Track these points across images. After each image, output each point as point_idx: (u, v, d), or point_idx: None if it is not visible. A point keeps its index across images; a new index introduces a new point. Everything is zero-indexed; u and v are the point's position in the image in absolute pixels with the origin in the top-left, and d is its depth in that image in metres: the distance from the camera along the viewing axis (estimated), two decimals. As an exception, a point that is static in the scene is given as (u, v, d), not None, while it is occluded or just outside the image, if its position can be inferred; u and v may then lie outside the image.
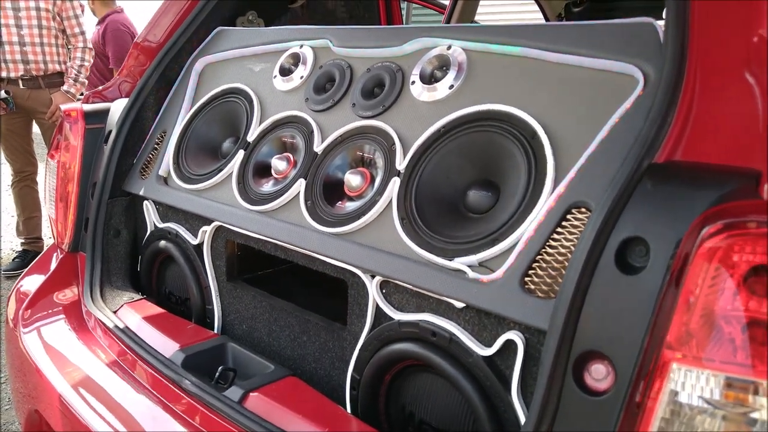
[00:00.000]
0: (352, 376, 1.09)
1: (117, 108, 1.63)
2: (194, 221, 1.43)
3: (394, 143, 1.11)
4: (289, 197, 1.21)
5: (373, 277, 1.05)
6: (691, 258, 0.61)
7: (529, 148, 0.95)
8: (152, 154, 1.58)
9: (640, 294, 0.66)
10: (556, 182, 0.90)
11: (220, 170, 1.37)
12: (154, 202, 1.54)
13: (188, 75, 1.61)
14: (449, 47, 1.14)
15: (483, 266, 0.91)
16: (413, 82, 1.16)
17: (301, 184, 1.20)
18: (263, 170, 1.32)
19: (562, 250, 0.84)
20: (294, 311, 1.23)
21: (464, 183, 1.04)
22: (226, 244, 1.36)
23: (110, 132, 1.59)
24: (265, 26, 1.87)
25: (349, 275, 1.09)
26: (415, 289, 0.98)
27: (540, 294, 0.84)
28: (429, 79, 1.15)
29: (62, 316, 1.48)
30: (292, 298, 1.28)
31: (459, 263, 0.93)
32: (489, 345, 0.89)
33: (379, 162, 1.13)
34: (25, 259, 3.89)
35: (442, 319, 0.95)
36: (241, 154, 1.35)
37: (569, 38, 0.98)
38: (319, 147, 1.23)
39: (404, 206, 1.03)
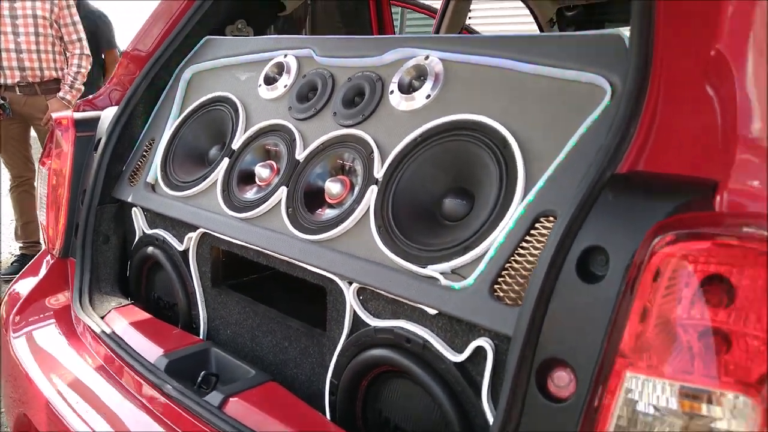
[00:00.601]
0: (330, 381, 1.11)
1: (107, 116, 1.66)
2: (180, 228, 1.45)
3: (372, 152, 1.13)
4: (270, 204, 1.23)
5: (350, 284, 1.07)
6: (644, 267, 0.63)
7: (501, 157, 0.96)
8: (141, 162, 1.60)
9: (599, 302, 0.68)
10: (526, 191, 0.91)
11: (206, 177, 1.38)
12: (142, 208, 1.56)
13: (176, 83, 1.63)
14: (427, 57, 1.16)
15: (455, 273, 0.93)
16: (392, 92, 1.18)
17: (282, 192, 1.22)
18: (247, 178, 1.33)
19: (531, 258, 0.86)
20: (276, 317, 1.25)
21: (440, 191, 1.06)
22: (211, 250, 1.38)
23: (100, 139, 1.62)
24: (255, 35, 1.89)
25: (327, 282, 1.11)
26: (390, 296, 1.00)
27: (508, 301, 0.85)
28: (407, 89, 1.17)
29: (52, 321, 1.50)
30: (275, 304, 1.30)
31: (432, 270, 0.94)
32: (460, 351, 0.91)
33: (359, 170, 1.15)
34: (23, 263, 3.91)
35: (416, 325, 0.97)
36: (225, 161, 1.37)
37: (542, 49, 1.00)
38: (300, 155, 1.25)
39: (381, 214, 1.05)
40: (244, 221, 1.26)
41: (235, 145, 1.38)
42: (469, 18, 3.20)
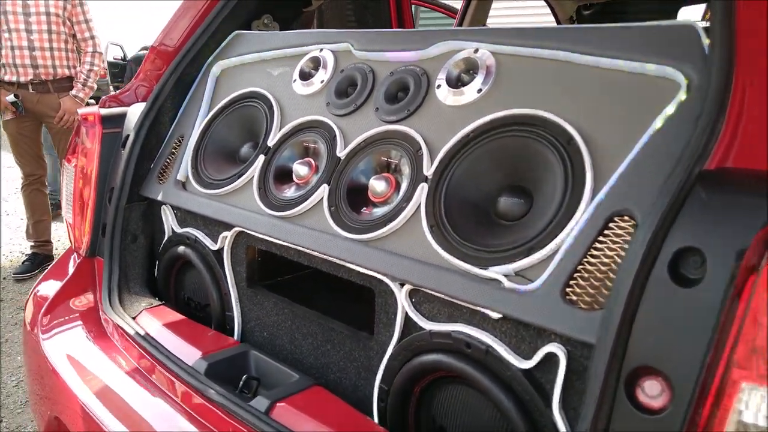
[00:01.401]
0: (379, 386, 1.07)
1: (134, 112, 1.62)
2: (214, 226, 1.41)
3: (420, 148, 1.09)
4: (312, 203, 1.19)
5: (402, 285, 1.03)
6: (760, 272, 0.59)
7: (564, 153, 0.92)
8: (170, 159, 1.56)
9: (699, 307, 0.63)
10: (596, 189, 0.87)
11: (240, 175, 1.35)
12: (172, 207, 1.52)
13: (205, 79, 1.59)
14: (476, 50, 1.12)
15: (519, 276, 0.89)
16: (439, 86, 1.14)
17: (324, 190, 1.18)
18: (284, 175, 1.30)
19: (605, 260, 0.82)
20: (317, 319, 1.21)
21: (494, 189, 1.02)
22: (247, 249, 1.34)
23: (127, 136, 1.58)
24: (281, 30, 1.86)
25: (376, 283, 1.07)
26: (447, 298, 0.96)
27: (583, 305, 0.81)
28: (455, 83, 1.12)
29: (80, 321, 1.46)
30: (315, 306, 1.26)
31: (494, 272, 0.90)
32: (528, 358, 0.87)
33: (405, 167, 1.11)
34: (35, 261, 3.89)
35: (477, 330, 0.93)
36: (261, 159, 1.33)
37: (604, 41, 0.96)
38: (342, 152, 1.21)
39: (433, 213, 1.01)
40: (283, 220, 1.22)
41: (271, 142, 1.34)
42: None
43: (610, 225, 0.83)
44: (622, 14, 3.24)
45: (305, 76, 1.39)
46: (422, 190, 1.04)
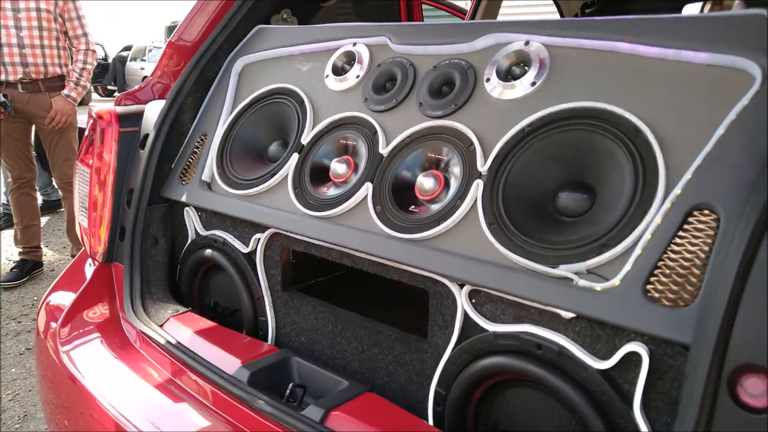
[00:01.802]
0: (436, 391, 1.03)
1: (152, 110, 1.56)
2: (244, 228, 1.36)
3: (472, 144, 1.06)
4: (354, 202, 1.15)
5: (461, 286, 0.99)
6: None
7: (632, 147, 0.90)
8: (192, 159, 1.50)
9: None
10: (670, 183, 0.85)
11: (273, 174, 1.30)
12: (196, 208, 1.47)
13: (227, 75, 1.54)
14: (527, 43, 1.09)
15: (592, 273, 0.86)
16: (488, 80, 1.11)
17: (367, 188, 1.14)
18: (320, 174, 1.25)
19: (688, 255, 0.79)
20: (362, 322, 1.17)
21: (554, 185, 0.99)
22: (282, 252, 1.30)
23: (146, 136, 1.52)
24: (299, 24, 1.81)
25: (430, 284, 1.04)
26: (512, 298, 0.93)
27: (666, 302, 0.78)
28: (506, 76, 1.09)
29: (101, 331, 1.40)
30: (357, 308, 1.22)
31: (565, 270, 0.87)
32: (605, 358, 0.84)
33: (456, 164, 1.07)
34: (24, 268, 3.78)
35: (548, 330, 0.90)
36: (295, 157, 1.28)
37: (667, 32, 0.94)
38: (384, 149, 1.17)
39: (491, 210, 0.98)
40: (323, 220, 1.17)
41: (305, 139, 1.30)
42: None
43: (690, 220, 0.81)
44: (625, 12, 3.25)
45: (338, 71, 1.35)
46: (478, 187, 1.01)
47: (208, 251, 1.42)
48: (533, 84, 1.05)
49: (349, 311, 1.20)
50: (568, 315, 0.87)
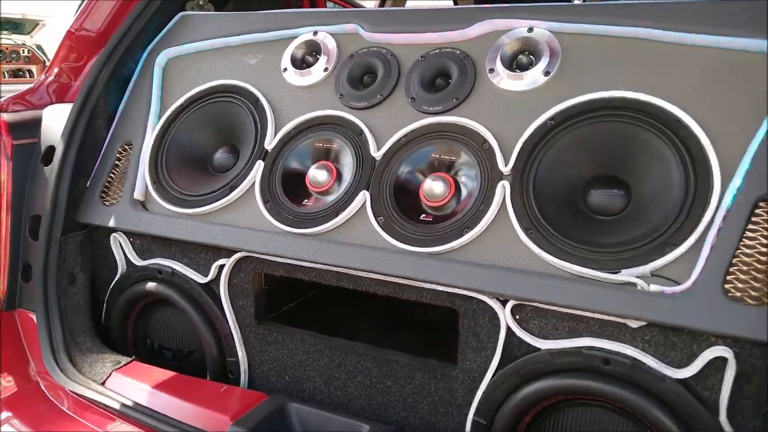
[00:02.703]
0: (474, 421, 0.91)
1: (52, 117, 1.27)
2: (198, 254, 1.14)
3: (486, 141, 0.95)
4: (349, 214, 0.99)
5: (503, 301, 0.88)
6: None
7: (675, 138, 0.84)
8: (114, 173, 1.24)
9: None
10: (725, 175, 0.80)
11: (233, 187, 1.09)
12: (127, 234, 1.21)
13: (149, 71, 1.29)
14: (530, 29, 1.00)
15: (657, 276, 0.79)
16: (491, 70, 1.00)
17: (364, 198, 0.99)
18: (295, 184, 1.07)
19: (763, 249, 0.75)
20: (369, 351, 1.02)
21: (583, 182, 0.91)
22: (254, 278, 1.10)
23: (50, 148, 1.23)
24: (216, 11, 1.58)
25: (461, 302, 0.92)
26: (566, 311, 0.84)
27: (751, 301, 0.74)
28: (511, 66, 1.00)
29: (11, 406, 1.10)
30: (353, 335, 1.07)
31: (627, 275, 0.80)
32: (683, 366, 0.78)
33: (469, 165, 0.96)
34: None
35: (613, 342, 0.82)
36: (260, 165, 1.09)
37: (695, 16, 0.89)
38: (377, 152, 1.02)
39: (525, 214, 0.88)
40: (311, 238, 1.00)
41: (269, 144, 1.11)
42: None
43: (757, 211, 0.77)
44: None
45: (299, 63, 1.17)
46: (504, 189, 0.90)
47: (150, 285, 1.17)
48: (547, 73, 0.96)
49: (349, 341, 1.04)
50: (636, 324, 0.80)
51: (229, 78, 1.21)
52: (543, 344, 0.86)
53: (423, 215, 0.97)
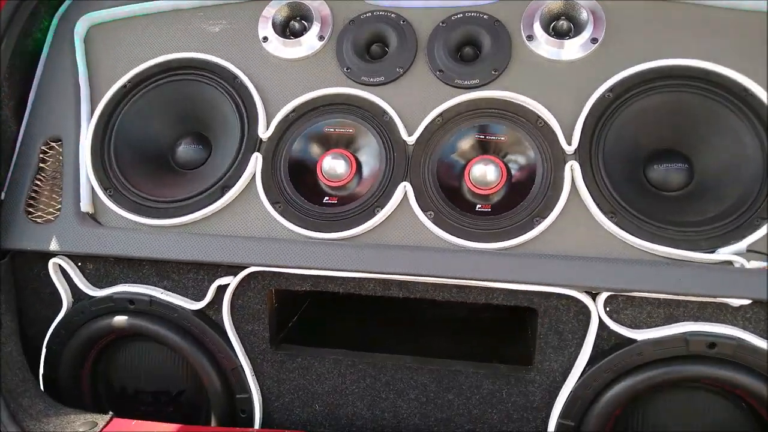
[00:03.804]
0: (559, 424, 0.84)
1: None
2: (186, 274, 0.92)
3: (539, 118, 0.86)
4: (388, 211, 0.85)
5: (593, 295, 0.81)
6: None
7: (745, 108, 0.82)
8: (41, 180, 0.94)
9: None
10: (801, 142, 0.80)
11: (227, 187, 0.88)
12: (72, 258, 0.94)
13: (63, 44, 1.00)
14: (567, -8, 0.92)
15: (753, 251, 0.77)
16: (530, 37, 0.90)
17: (405, 190, 0.85)
18: (305, 179, 0.89)
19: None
20: (424, 365, 0.89)
21: (645, 158, 0.86)
22: (267, 297, 0.91)
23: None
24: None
25: (540, 300, 0.83)
26: (661, 297, 0.79)
27: None
28: (552, 33, 0.91)
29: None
30: (398, 347, 0.93)
31: (725, 254, 0.77)
32: None
33: (524, 145, 0.86)
34: None
35: (716, 325, 0.79)
36: (257, 159, 0.89)
37: None
38: (409, 136, 0.88)
39: (603, 197, 0.81)
40: (346, 242, 0.84)
41: (263, 132, 0.91)
42: None
43: (836, 177, 0.78)
44: None
45: (285, 31, 0.97)
46: (572, 171, 0.82)
47: (119, 319, 0.92)
48: (594, 41, 0.88)
49: (398, 355, 0.91)
50: (738, 303, 0.78)
51: (186, 50, 0.97)
52: (638, 335, 0.81)
53: (478, 206, 0.85)
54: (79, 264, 0.94)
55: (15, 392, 0.90)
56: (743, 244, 0.77)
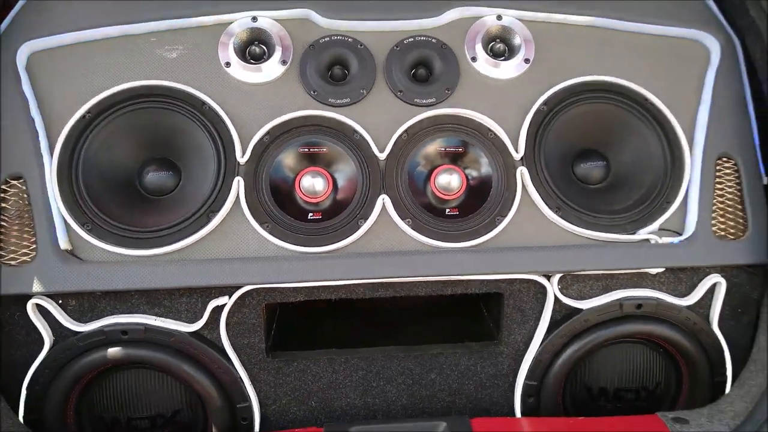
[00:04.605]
0: (526, 384, 1.01)
1: None
2: (178, 298, 0.95)
3: (490, 131, 1.00)
4: (370, 223, 0.95)
5: (548, 277, 0.98)
6: None
7: (646, 114, 1.02)
8: (5, 221, 0.91)
9: None
10: (690, 140, 1.01)
11: (212, 211, 0.93)
12: (52, 296, 0.92)
13: (7, 74, 0.95)
14: (499, 17, 1.05)
15: (663, 230, 0.99)
16: (474, 59, 1.03)
17: (383, 202, 0.95)
18: (286, 199, 0.96)
19: (729, 195, 0.99)
20: (409, 352, 1.02)
21: (571, 158, 1.04)
22: (263, 310, 0.97)
23: None
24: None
25: (506, 285, 0.98)
26: (601, 272, 0.98)
27: (731, 237, 0.98)
28: (492, 54, 1.04)
29: None
30: (365, 338, 1.05)
31: (644, 234, 0.97)
32: (686, 294, 1.00)
33: (479, 154, 0.99)
34: None
35: (640, 290, 0.99)
36: (240, 183, 0.94)
37: (641, 8, 1.05)
38: (381, 152, 0.98)
39: (549, 196, 0.97)
40: (336, 254, 0.93)
41: (241, 156, 0.96)
42: None
43: (718, 167, 1.00)
44: None
45: (245, 56, 1.01)
46: (522, 175, 0.98)
47: (114, 351, 0.93)
48: (527, 61, 1.04)
49: (387, 347, 1.02)
50: (655, 271, 0.99)
51: (145, 77, 0.98)
52: (584, 305, 0.99)
53: (447, 210, 0.98)
54: (60, 302, 0.93)
55: (9, 439, 0.88)
56: (656, 225, 0.98)
